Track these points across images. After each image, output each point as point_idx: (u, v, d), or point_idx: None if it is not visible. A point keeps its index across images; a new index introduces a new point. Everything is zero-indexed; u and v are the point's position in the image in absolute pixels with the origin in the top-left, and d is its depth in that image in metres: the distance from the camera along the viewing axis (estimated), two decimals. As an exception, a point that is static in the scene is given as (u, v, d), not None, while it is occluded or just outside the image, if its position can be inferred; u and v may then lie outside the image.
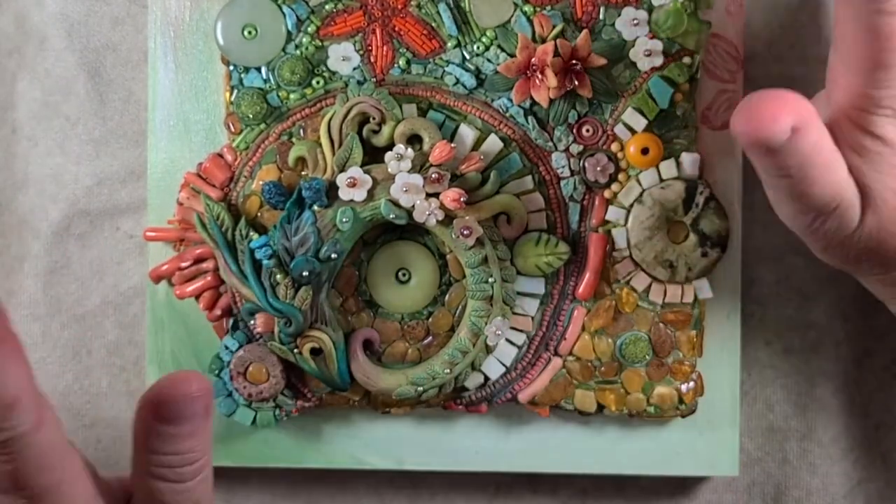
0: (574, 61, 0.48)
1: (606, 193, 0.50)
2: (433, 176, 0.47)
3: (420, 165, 0.48)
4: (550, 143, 0.49)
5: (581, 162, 0.49)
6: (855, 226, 0.43)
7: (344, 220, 0.48)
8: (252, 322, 0.49)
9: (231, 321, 0.50)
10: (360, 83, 0.49)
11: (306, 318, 0.48)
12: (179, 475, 0.41)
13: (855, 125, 0.42)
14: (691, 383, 0.50)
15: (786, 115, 0.39)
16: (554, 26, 0.49)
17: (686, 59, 0.49)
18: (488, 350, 0.49)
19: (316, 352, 0.49)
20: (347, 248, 0.48)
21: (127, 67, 0.53)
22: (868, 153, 0.42)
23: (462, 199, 0.47)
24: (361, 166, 0.48)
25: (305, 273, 0.48)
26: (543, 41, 0.48)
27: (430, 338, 0.50)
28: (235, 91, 0.50)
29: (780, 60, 0.51)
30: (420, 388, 0.49)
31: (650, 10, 0.48)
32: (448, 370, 0.49)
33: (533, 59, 0.48)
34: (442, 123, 0.49)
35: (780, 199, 0.43)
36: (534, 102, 0.49)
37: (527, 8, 0.49)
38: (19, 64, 0.53)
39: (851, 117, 0.42)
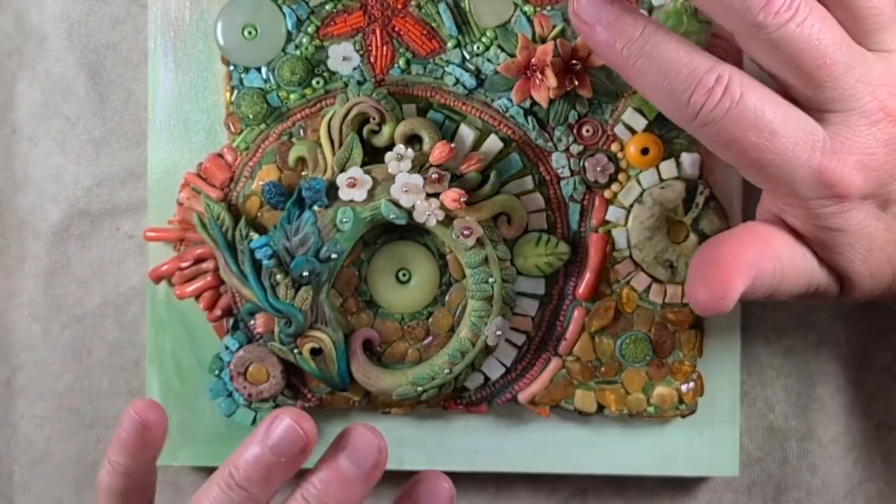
0: (574, 61, 0.48)
1: (606, 193, 0.50)
2: (433, 176, 0.47)
3: (420, 165, 0.48)
4: (550, 144, 0.49)
5: (581, 162, 0.49)
6: (837, 296, 0.44)
7: (344, 220, 0.48)
8: (252, 322, 0.49)
9: (231, 321, 0.50)
10: (360, 83, 0.49)
11: (306, 319, 0.48)
12: None
13: (798, 219, 0.43)
14: (691, 383, 0.50)
15: (738, 280, 0.41)
16: (554, 26, 0.49)
17: (686, 59, 0.49)
18: (488, 350, 0.49)
19: (316, 352, 0.49)
20: (347, 248, 0.48)
21: (127, 67, 0.53)
22: (825, 243, 0.43)
23: (462, 200, 0.47)
24: (361, 166, 0.48)
25: (305, 273, 0.48)
26: (543, 41, 0.48)
27: (431, 338, 0.50)
28: (235, 91, 0.50)
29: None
30: (420, 389, 0.49)
31: (650, 10, 0.48)
32: (448, 370, 0.49)
33: (533, 60, 0.48)
34: (442, 123, 0.49)
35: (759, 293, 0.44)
36: (534, 102, 0.49)
37: (527, 8, 0.49)
38: (19, 64, 0.53)
39: (797, 217, 0.43)
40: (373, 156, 0.48)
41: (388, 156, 0.48)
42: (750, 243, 0.42)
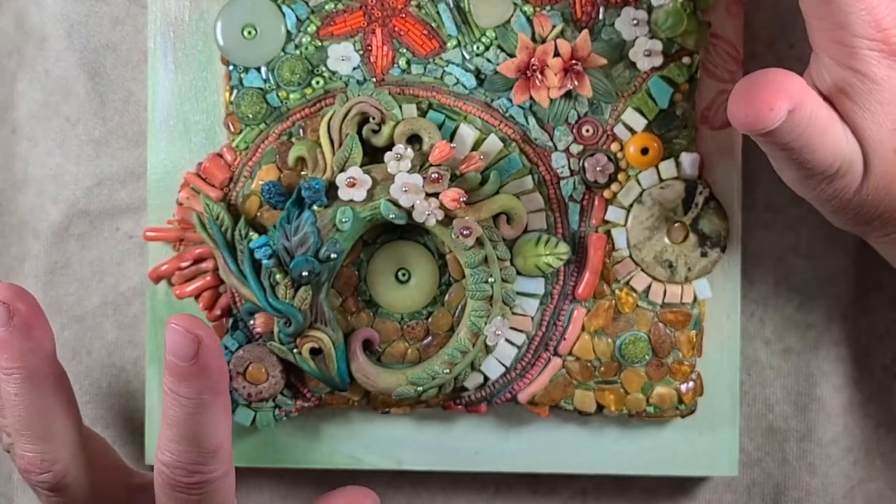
0: (574, 61, 0.48)
1: (606, 193, 0.50)
2: (433, 176, 0.47)
3: (420, 165, 0.48)
4: (550, 143, 0.49)
5: (581, 162, 0.49)
6: (858, 185, 0.43)
7: (343, 220, 0.48)
8: (251, 322, 0.49)
9: (230, 321, 0.50)
10: (359, 83, 0.49)
11: (306, 318, 0.48)
12: None
13: (840, 66, 0.42)
14: (691, 383, 0.50)
15: (781, 101, 0.41)
16: (553, 26, 0.49)
17: (686, 59, 0.49)
18: (488, 350, 0.49)
19: (315, 352, 0.49)
20: (347, 247, 0.48)
21: (127, 68, 0.53)
22: (857, 95, 0.42)
23: (462, 199, 0.47)
24: (361, 166, 0.48)
25: (305, 273, 0.48)
26: (543, 41, 0.48)
27: (430, 338, 0.50)
28: (235, 91, 0.50)
29: (780, 60, 0.51)
30: (419, 389, 0.49)
31: (650, 9, 0.48)
32: (447, 370, 0.49)
33: (533, 60, 0.48)
34: (442, 123, 0.49)
35: (784, 168, 0.44)
36: (533, 102, 0.49)
37: (526, 8, 0.49)
38: (19, 64, 0.53)
39: (835, 58, 0.42)
40: (372, 156, 0.48)
41: (388, 156, 0.48)
42: (794, 76, 0.42)
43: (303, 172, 0.49)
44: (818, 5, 0.42)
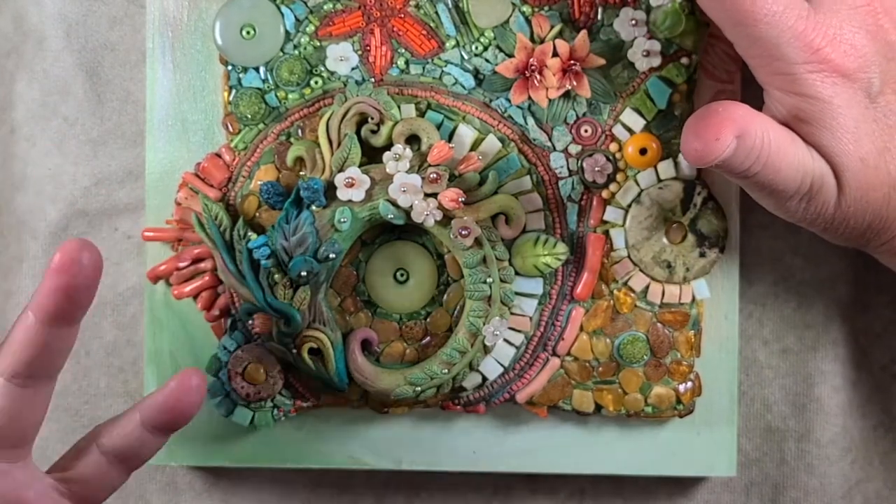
0: (572, 61, 0.48)
1: (605, 194, 0.50)
2: (431, 176, 0.47)
3: (418, 165, 0.48)
4: (549, 144, 0.49)
5: (579, 162, 0.49)
6: (836, 200, 0.44)
7: (342, 220, 0.48)
8: (250, 322, 0.49)
9: (229, 321, 0.50)
10: (358, 83, 0.49)
11: (304, 319, 0.48)
12: None
13: (788, 94, 0.43)
14: (689, 383, 0.50)
15: (726, 130, 0.42)
16: (552, 27, 0.49)
17: (684, 60, 0.49)
18: (486, 350, 0.49)
19: (314, 352, 0.49)
20: (345, 248, 0.49)
21: (125, 67, 0.53)
22: (811, 118, 0.43)
23: (460, 200, 0.47)
24: (360, 166, 0.48)
25: (304, 273, 0.48)
26: (542, 41, 0.48)
27: (429, 338, 0.50)
28: (234, 91, 0.50)
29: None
30: (418, 389, 0.49)
31: (648, 10, 0.48)
32: (446, 370, 0.49)
33: (531, 60, 0.48)
34: (440, 123, 0.49)
35: (760, 196, 0.45)
36: (532, 102, 0.49)
37: (525, 8, 0.49)
38: (17, 64, 0.53)
39: (781, 89, 0.43)
40: (371, 156, 0.48)
41: (387, 156, 0.48)
42: (738, 105, 0.43)
43: (301, 172, 0.49)
44: (750, 45, 0.43)
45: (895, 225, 0.45)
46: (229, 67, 0.50)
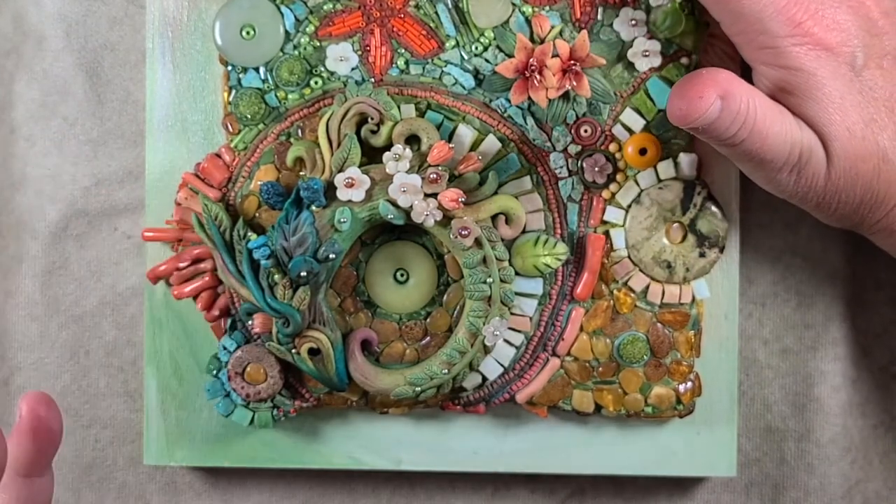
0: (572, 62, 0.48)
1: (605, 194, 0.50)
2: (431, 176, 0.47)
3: (418, 166, 0.48)
4: (549, 144, 0.49)
5: (579, 162, 0.49)
6: (825, 171, 0.44)
7: (342, 220, 0.48)
8: (250, 322, 0.49)
9: (229, 321, 0.50)
10: (358, 83, 0.49)
11: (304, 319, 0.48)
12: None
13: (773, 68, 0.44)
14: (689, 384, 0.50)
15: (709, 89, 0.43)
16: (552, 27, 0.49)
17: (684, 60, 0.49)
18: (486, 350, 0.49)
19: (314, 352, 0.49)
20: (345, 248, 0.48)
21: (125, 68, 0.53)
22: (797, 89, 0.44)
23: (460, 200, 0.47)
24: (360, 166, 0.48)
25: (303, 273, 0.48)
26: (542, 42, 0.48)
27: (428, 338, 0.50)
28: (233, 91, 0.50)
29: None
30: (418, 389, 0.49)
31: (648, 10, 0.48)
32: (446, 370, 0.49)
33: (531, 60, 0.48)
34: (440, 124, 0.49)
35: (750, 169, 0.46)
36: (532, 103, 0.49)
37: (525, 8, 0.49)
38: (17, 64, 0.53)
39: (766, 63, 0.44)
40: (371, 156, 0.48)
41: (387, 156, 0.48)
42: (723, 70, 0.44)
43: (301, 173, 0.49)
44: (734, 22, 0.44)
45: (887, 200, 0.45)
46: (229, 67, 0.50)
